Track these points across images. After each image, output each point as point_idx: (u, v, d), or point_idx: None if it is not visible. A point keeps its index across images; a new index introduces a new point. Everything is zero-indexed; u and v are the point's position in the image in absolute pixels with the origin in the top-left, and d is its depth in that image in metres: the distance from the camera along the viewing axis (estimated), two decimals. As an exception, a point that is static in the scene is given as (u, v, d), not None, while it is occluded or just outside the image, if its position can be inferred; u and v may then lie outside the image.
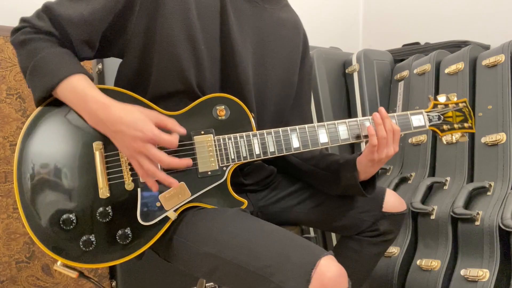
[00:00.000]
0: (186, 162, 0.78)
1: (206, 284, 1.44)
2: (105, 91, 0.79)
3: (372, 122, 0.89)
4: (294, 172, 1.08)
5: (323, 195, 1.03)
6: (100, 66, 1.40)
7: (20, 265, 1.37)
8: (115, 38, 0.85)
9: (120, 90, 0.83)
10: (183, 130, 0.77)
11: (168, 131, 0.76)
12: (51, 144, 0.78)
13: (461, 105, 0.98)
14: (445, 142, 0.99)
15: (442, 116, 0.96)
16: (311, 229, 1.83)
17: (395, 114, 0.93)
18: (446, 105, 0.97)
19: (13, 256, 1.36)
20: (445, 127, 0.96)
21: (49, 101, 0.80)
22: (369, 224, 1.00)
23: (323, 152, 1.06)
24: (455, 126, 0.97)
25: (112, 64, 0.91)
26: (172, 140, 0.74)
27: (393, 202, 1.01)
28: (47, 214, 0.76)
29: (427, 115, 0.96)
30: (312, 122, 0.94)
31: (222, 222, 0.80)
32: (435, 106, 0.98)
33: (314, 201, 1.03)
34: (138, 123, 0.72)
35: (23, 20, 0.82)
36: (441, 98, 0.98)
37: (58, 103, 0.79)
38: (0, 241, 1.34)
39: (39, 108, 0.80)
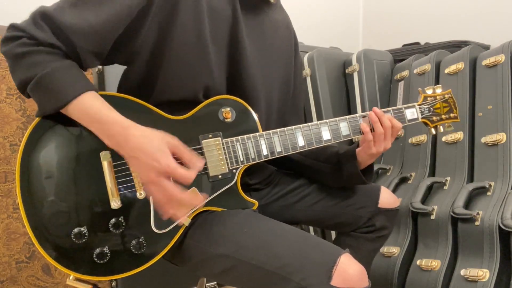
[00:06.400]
0: (199, 200, 0.74)
1: (206, 284, 1.44)
2: (110, 98, 0.76)
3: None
4: (296, 169, 1.09)
5: (322, 192, 1.04)
6: (100, 67, 1.40)
7: (20, 265, 1.37)
8: (124, 47, 0.81)
9: (124, 96, 0.80)
10: (200, 164, 0.73)
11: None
12: (55, 155, 0.75)
13: (447, 96, 1.02)
14: (433, 133, 1.03)
15: (431, 108, 1.01)
16: (311, 228, 1.84)
17: (390, 108, 0.96)
18: (434, 97, 1.02)
19: (13, 256, 1.36)
20: (434, 118, 1.01)
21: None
22: (365, 220, 1.02)
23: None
24: (443, 116, 1.02)
25: (112, 65, 0.89)
26: (187, 176, 0.69)
27: (388, 198, 1.05)
28: (57, 230, 0.73)
29: (419, 107, 1.00)
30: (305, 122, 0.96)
31: (236, 224, 0.80)
32: (425, 98, 1.01)
33: (313, 198, 1.04)
34: (156, 154, 0.68)
35: (16, 28, 0.72)
36: (429, 91, 1.02)
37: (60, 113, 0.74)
38: (0, 241, 1.34)
39: (41, 118, 0.75)
